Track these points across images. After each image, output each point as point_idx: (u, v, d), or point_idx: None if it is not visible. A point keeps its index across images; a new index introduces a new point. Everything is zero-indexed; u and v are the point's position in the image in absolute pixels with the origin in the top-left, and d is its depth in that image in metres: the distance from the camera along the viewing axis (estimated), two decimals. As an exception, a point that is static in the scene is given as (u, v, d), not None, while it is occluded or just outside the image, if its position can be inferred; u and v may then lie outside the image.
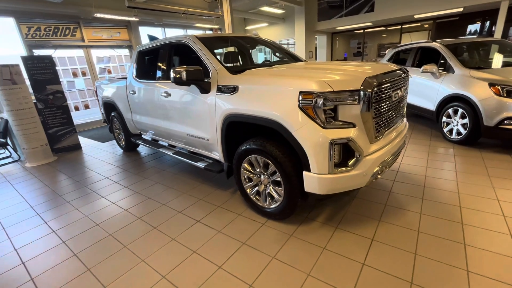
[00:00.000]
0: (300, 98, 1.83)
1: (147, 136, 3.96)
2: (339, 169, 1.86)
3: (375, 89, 1.84)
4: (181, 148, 3.36)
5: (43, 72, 4.65)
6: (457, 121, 3.88)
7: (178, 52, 3.22)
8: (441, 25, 8.83)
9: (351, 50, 12.13)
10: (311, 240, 2.07)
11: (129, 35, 7.97)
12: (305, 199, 2.14)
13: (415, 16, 7.74)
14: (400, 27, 9.35)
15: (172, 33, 9.53)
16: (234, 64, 3.03)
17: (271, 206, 2.31)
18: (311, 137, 1.82)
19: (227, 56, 3.14)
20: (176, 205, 2.76)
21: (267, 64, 3.28)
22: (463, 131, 3.79)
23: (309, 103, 1.81)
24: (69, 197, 3.14)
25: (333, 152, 1.82)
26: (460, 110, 3.79)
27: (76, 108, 7.04)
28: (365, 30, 10.08)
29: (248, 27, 11.83)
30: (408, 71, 2.49)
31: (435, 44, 4.44)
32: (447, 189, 2.68)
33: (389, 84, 1.99)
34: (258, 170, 2.31)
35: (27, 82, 4.42)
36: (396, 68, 2.24)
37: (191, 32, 9.98)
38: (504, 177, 2.83)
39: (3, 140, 4.74)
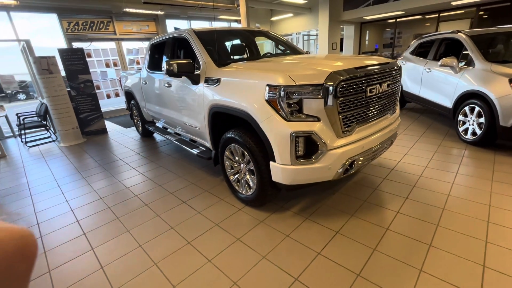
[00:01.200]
0: (267, 91, 1.92)
1: (159, 124, 4.30)
2: (302, 161, 1.92)
3: (342, 83, 1.84)
4: (184, 136, 3.61)
5: (75, 63, 5.23)
6: (473, 120, 3.57)
7: (182, 45, 3.43)
8: (488, 13, 7.89)
9: (384, 41, 11.41)
10: (278, 227, 2.17)
11: (157, 28, 8.46)
12: (277, 189, 2.24)
13: (453, 3, 7.03)
14: (437, 15, 8.56)
15: (198, 26, 9.87)
16: (231, 57, 3.14)
17: (247, 194, 2.45)
18: (275, 128, 1.91)
19: (224, 49, 3.27)
20: (170, 187, 3.03)
21: (267, 56, 3.35)
22: (478, 131, 3.49)
23: (274, 96, 1.88)
24: (86, 174, 3.59)
25: (297, 144, 1.88)
26: (477, 108, 3.48)
27: (108, 96, 7.75)
28: (398, 20, 9.39)
29: (274, 18, 11.73)
30: (399, 67, 2.40)
31: (459, 35, 4.08)
32: (438, 190, 2.55)
33: (361, 79, 1.96)
34: (237, 158, 2.45)
35: (62, 73, 5.04)
36: (378, 62, 2.18)
37: (215, 24, 10.23)
38: (508, 182, 2.60)
39: (44, 122, 5.48)
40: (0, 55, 4.79)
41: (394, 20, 9.45)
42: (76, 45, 6.86)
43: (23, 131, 5.35)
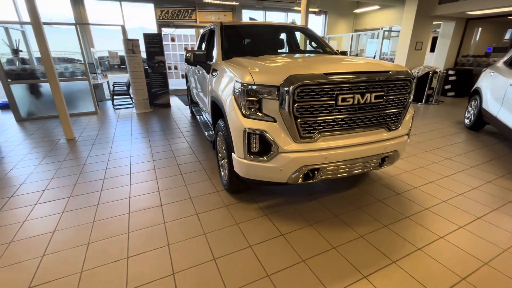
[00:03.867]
0: (234, 87, 2.04)
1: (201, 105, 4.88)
2: (255, 157, 2.00)
3: (300, 88, 1.79)
4: (206, 119, 4.03)
5: (154, 46, 6.32)
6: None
7: (213, 37, 3.77)
8: None
9: (504, 43, 8.98)
10: (234, 215, 2.32)
11: (233, 17, 9.10)
12: (241, 181, 2.36)
13: None
14: None
15: (273, 16, 10.08)
16: (244, 51, 3.24)
17: (225, 179, 2.65)
18: (234, 122, 2.03)
19: (239, 43, 3.37)
20: (180, 163, 3.51)
21: (285, 53, 3.34)
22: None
23: (237, 92, 2.00)
24: (145, 134, 4.49)
25: (250, 140, 1.96)
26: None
27: (183, 76, 8.97)
28: (522, 16, 7.21)
29: (357, 10, 10.76)
30: (406, 78, 2.08)
31: None
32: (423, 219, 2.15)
33: (330, 86, 1.84)
34: (222, 145, 2.67)
35: (144, 54, 6.19)
36: (368, 70, 1.95)
37: (291, 15, 10.19)
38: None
39: (128, 91, 6.91)
40: (111, 36, 6.32)
41: (515, 17, 7.31)
42: (164, 30, 8.15)
43: (114, 96, 6.91)
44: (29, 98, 5.73)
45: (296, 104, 1.83)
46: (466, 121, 5.01)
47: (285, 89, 1.79)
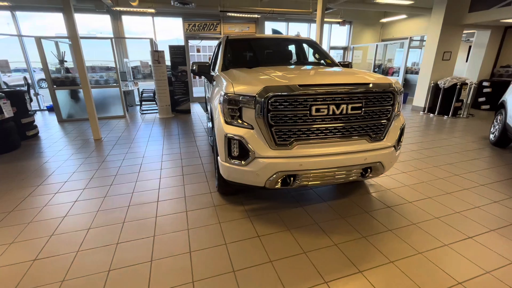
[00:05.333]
0: (221, 95, 2.24)
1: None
2: (234, 161, 2.15)
3: (274, 98, 1.92)
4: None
5: (178, 57, 6.85)
6: None
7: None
8: None
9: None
10: (220, 215, 2.48)
11: (256, 29, 9.46)
12: (226, 183, 2.51)
13: None
14: None
15: (296, 27, 10.25)
16: (245, 63, 3.39)
17: (216, 181, 2.84)
18: (218, 128, 2.22)
19: (241, 56, 3.54)
20: (185, 164, 3.78)
21: (283, 65, 3.47)
22: None
23: (221, 101, 2.19)
24: (161, 137, 4.90)
25: (232, 145, 2.13)
26: None
27: (206, 84, 9.50)
28: None
29: (384, 20, 10.50)
30: (388, 90, 2.10)
31: None
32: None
33: (303, 97, 1.94)
34: (216, 149, 2.87)
35: (168, 63, 6.74)
36: (347, 82, 2.02)
37: (314, 26, 10.28)
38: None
39: (154, 98, 7.51)
40: (144, 47, 7.04)
41: None
42: (191, 42, 8.77)
43: (142, 102, 7.56)
44: (70, 102, 6.54)
45: (271, 113, 1.96)
46: (491, 136, 4.65)
47: (260, 99, 1.94)
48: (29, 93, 7.39)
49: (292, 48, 3.77)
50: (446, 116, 6.92)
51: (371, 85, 2.06)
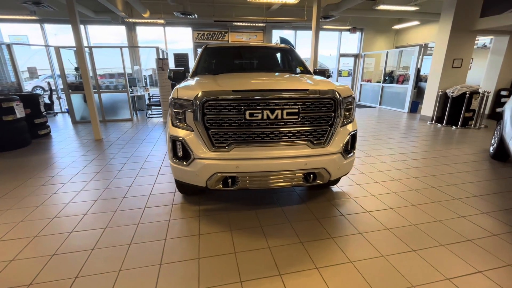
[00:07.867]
0: (170, 99, 2.39)
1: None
2: (177, 161, 2.28)
3: (208, 102, 2.03)
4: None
5: (181, 64, 7.22)
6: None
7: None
8: None
9: None
10: (172, 213, 2.61)
11: (263, 37, 9.67)
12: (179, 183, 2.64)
13: None
14: None
15: (304, 35, 10.30)
16: (216, 70, 3.50)
17: (180, 181, 2.98)
18: (167, 130, 2.37)
19: (211, 63, 3.67)
20: (165, 165, 3.98)
21: (250, 72, 3.55)
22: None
23: (170, 104, 2.34)
24: (155, 139, 5.21)
25: (176, 146, 2.26)
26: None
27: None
28: None
29: (396, 26, 10.19)
30: (329, 97, 2.13)
31: None
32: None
33: (237, 102, 2.03)
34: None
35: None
36: (284, 88, 2.08)
37: (322, 33, 10.24)
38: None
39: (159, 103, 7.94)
40: (152, 55, 7.57)
41: None
42: (198, 50, 9.16)
43: (151, 107, 8.02)
44: (83, 105, 7.14)
45: (206, 116, 2.08)
46: (491, 148, 4.33)
47: (197, 102, 2.06)
48: (51, 97, 8.19)
49: (266, 55, 3.86)
50: (454, 127, 6.51)
51: (308, 92, 2.10)
